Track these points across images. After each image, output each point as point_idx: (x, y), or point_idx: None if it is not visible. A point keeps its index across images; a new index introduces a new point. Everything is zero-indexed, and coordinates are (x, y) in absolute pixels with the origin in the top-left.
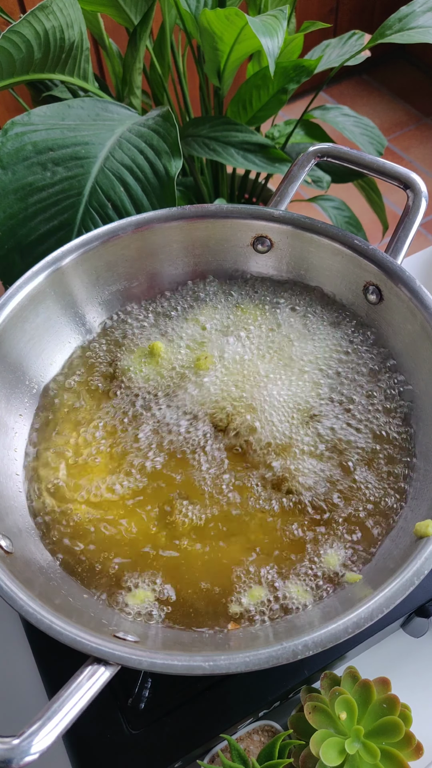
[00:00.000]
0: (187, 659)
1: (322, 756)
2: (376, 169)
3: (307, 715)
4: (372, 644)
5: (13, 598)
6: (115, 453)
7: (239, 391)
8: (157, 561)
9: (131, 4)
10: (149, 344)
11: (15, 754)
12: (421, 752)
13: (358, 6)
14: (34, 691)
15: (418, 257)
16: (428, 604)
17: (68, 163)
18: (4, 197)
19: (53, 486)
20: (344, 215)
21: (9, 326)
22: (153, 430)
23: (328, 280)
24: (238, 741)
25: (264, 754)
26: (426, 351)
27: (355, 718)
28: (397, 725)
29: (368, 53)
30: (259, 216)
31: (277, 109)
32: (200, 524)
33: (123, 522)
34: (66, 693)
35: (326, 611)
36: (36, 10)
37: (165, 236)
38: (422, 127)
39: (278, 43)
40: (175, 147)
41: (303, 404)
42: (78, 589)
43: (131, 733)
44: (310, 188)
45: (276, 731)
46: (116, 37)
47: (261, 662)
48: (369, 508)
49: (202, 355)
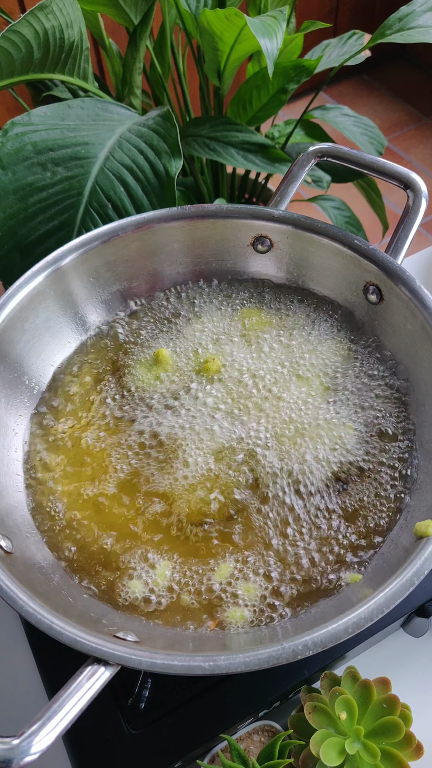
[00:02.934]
0: (187, 659)
1: (322, 756)
2: (376, 169)
3: (307, 715)
4: (372, 644)
5: (13, 598)
6: (115, 453)
7: (242, 396)
8: (157, 560)
9: (131, 4)
10: (154, 351)
11: (15, 754)
12: (422, 752)
13: (358, 6)
14: (34, 691)
15: (418, 257)
16: (428, 604)
17: (68, 163)
18: (4, 197)
19: (53, 486)
20: (344, 215)
21: (9, 326)
22: (154, 432)
23: (328, 280)
24: (238, 741)
25: (264, 754)
26: (426, 351)
27: (355, 718)
28: (397, 725)
29: (368, 53)
30: (259, 216)
31: (277, 109)
32: (200, 524)
33: (123, 522)
34: (66, 693)
35: (326, 611)
36: (35, 9)
37: (165, 236)
38: (422, 127)
39: (277, 44)
40: (175, 147)
41: (304, 405)
42: (78, 589)
43: (131, 733)
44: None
45: (276, 731)
46: (116, 37)
47: (261, 662)
48: (369, 508)
49: (209, 358)
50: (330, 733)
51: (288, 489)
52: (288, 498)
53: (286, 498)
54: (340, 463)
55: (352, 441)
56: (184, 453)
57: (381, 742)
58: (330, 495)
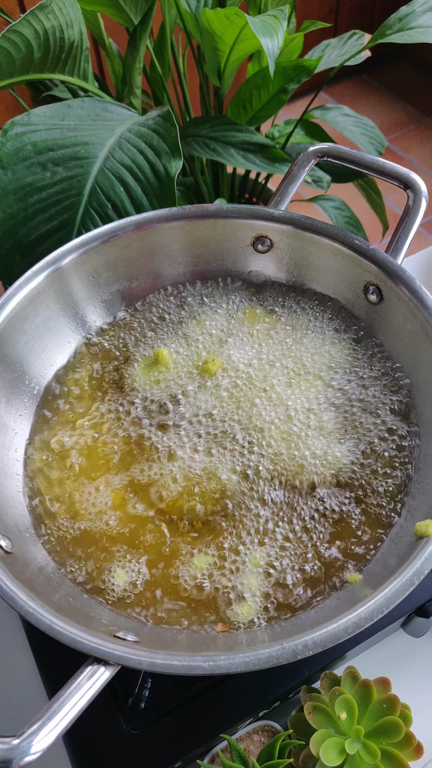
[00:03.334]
0: (187, 659)
1: (322, 756)
2: (376, 169)
3: (307, 715)
4: (372, 644)
5: (13, 598)
6: (115, 453)
7: (241, 396)
8: (157, 560)
9: (131, 4)
10: (154, 351)
11: (15, 754)
12: (421, 752)
13: (358, 6)
14: (34, 691)
15: (418, 257)
16: (428, 604)
17: (68, 163)
18: (4, 197)
19: (53, 486)
20: (344, 215)
21: (9, 326)
22: (153, 431)
23: (328, 280)
24: (238, 741)
25: (264, 755)
26: (426, 351)
27: (355, 718)
28: (397, 725)
29: (368, 53)
30: (259, 216)
31: (277, 109)
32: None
33: (124, 522)
34: (66, 693)
35: (326, 611)
36: (36, 9)
37: (165, 236)
38: (422, 127)
39: (278, 43)
40: (175, 147)
41: (304, 405)
42: (78, 588)
43: (131, 733)
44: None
45: (276, 731)
46: (116, 37)
47: (261, 662)
48: (369, 508)
49: (209, 359)
50: (330, 733)
51: (287, 489)
52: (287, 498)
53: (285, 498)
54: (339, 462)
55: (351, 441)
56: (184, 453)
57: (381, 742)
58: (329, 495)
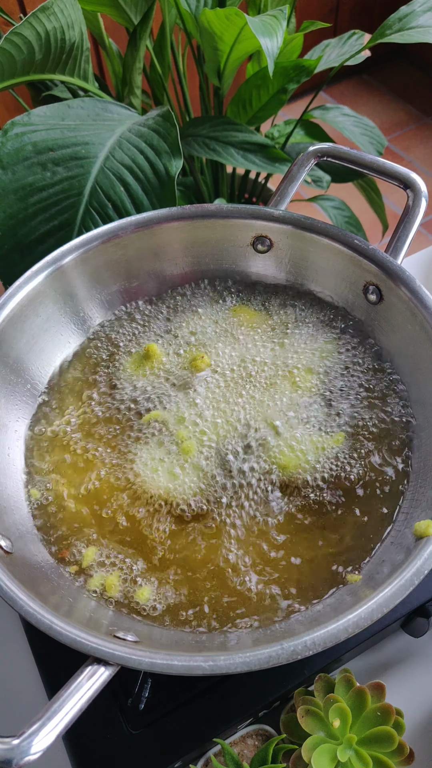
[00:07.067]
0: (187, 659)
1: (314, 763)
2: (376, 169)
3: (300, 718)
4: (372, 644)
5: (13, 598)
6: (115, 452)
7: (234, 398)
8: (157, 560)
9: (131, 4)
10: (145, 346)
11: (15, 754)
12: (413, 760)
13: (358, 6)
14: (34, 691)
15: (418, 257)
16: (428, 604)
17: (68, 163)
18: (4, 197)
19: (53, 486)
20: (344, 215)
21: (9, 326)
22: (151, 432)
23: (328, 280)
24: (231, 745)
25: (258, 759)
26: (426, 351)
27: (348, 725)
28: (390, 735)
29: (368, 53)
30: (259, 216)
31: (277, 109)
32: (202, 523)
33: (124, 522)
34: (66, 693)
35: (326, 611)
36: (38, 11)
37: (165, 236)
38: (422, 127)
39: (277, 43)
40: (175, 147)
41: (301, 404)
42: (78, 588)
43: (131, 733)
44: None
45: (270, 735)
46: (116, 37)
47: (261, 662)
48: (368, 508)
49: (198, 355)
50: (322, 739)
51: (286, 488)
52: (286, 497)
53: (284, 497)
54: (338, 462)
55: (350, 441)
56: (184, 453)
57: (373, 751)
58: (329, 495)
